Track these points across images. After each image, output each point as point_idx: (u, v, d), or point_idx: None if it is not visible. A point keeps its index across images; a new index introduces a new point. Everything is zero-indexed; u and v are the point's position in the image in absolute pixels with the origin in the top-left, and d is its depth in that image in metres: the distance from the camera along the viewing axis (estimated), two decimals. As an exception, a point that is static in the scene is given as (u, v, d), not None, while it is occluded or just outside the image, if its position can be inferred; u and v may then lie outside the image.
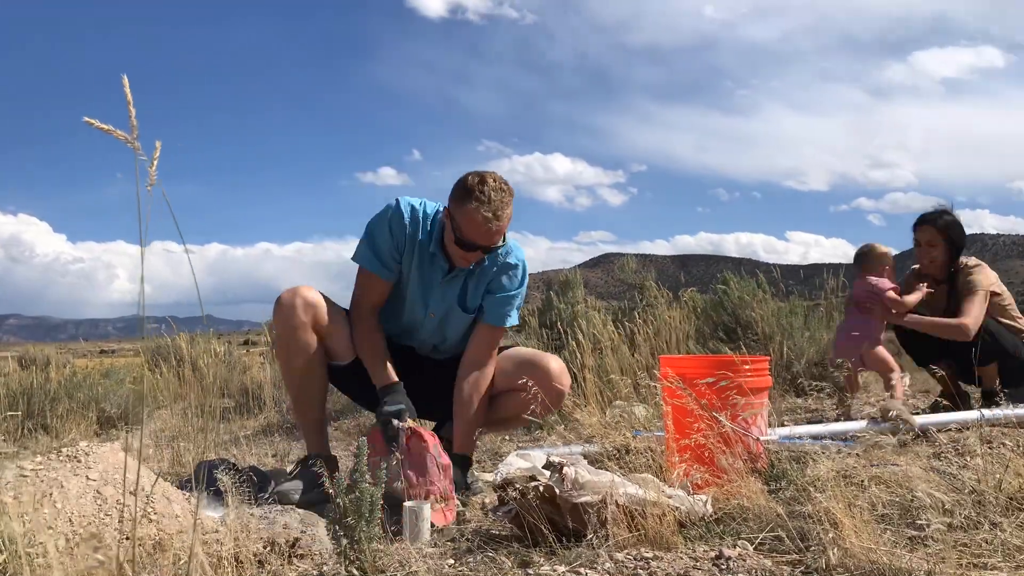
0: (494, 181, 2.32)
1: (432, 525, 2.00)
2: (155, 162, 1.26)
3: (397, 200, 2.51)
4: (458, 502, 2.25)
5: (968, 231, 3.67)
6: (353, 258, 2.55)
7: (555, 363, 2.60)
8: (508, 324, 2.58)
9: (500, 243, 2.43)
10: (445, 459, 2.22)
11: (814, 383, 2.81)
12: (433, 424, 2.85)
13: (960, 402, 3.47)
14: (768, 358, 2.53)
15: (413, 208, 2.51)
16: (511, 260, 2.56)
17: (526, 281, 2.62)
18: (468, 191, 2.31)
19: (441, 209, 2.50)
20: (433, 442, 2.23)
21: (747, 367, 2.34)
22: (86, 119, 1.20)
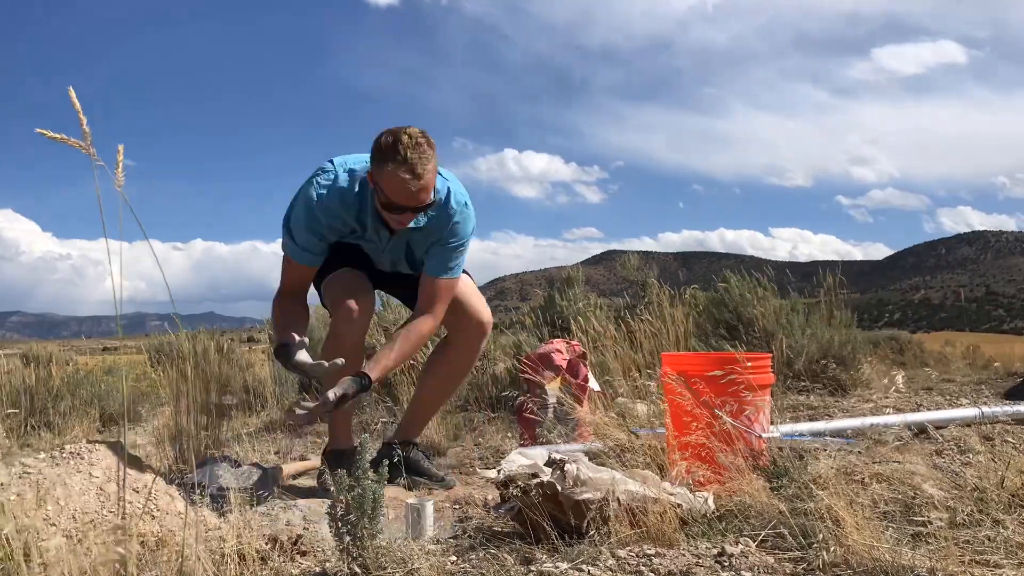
0: (408, 138, 2.18)
1: None
2: (120, 164, 1.28)
3: (314, 191, 2.38)
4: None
5: (965, 229, 3.71)
6: (285, 251, 2.48)
7: (476, 299, 2.69)
8: (449, 276, 2.50)
9: (430, 199, 2.31)
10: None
11: (815, 381, 2.82)
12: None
13: None
14: (770, 355, 2.53)
15: (337, 191, 2.39)
16: (452, 214, 2.44)
17: (471, 229, 2.52)
18: (384, 153, 2.20)
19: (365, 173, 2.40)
20: None
21: (749, 364, 2.34)
22: (38, 130, 1.23)
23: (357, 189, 2.40)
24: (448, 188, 2.44)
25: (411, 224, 2.40)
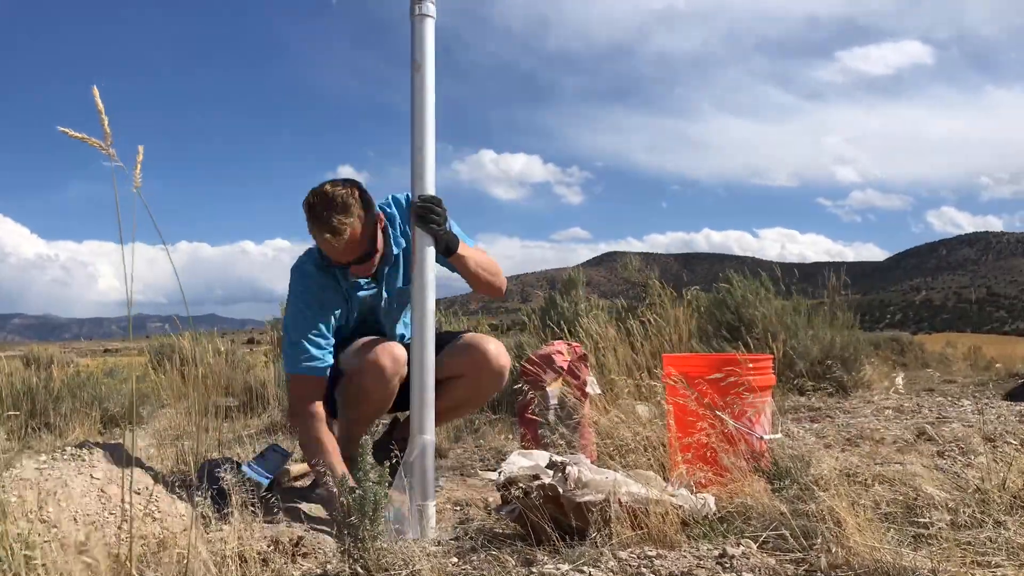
0: (316, 197, 2.20)
1: None
2: (139, 166, 1.28)
3: (297, 273, 2.38)
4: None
5: (953, 229, 3.67)
6: (289, 370, 2.34)
7: (492, 345, 2.53)
8: (468, 241, 2.40)
9: (368, 248, 2.29)
10: None
11: (817, 382, 2.82)
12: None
13: None
14: (771, 356, 2.53)
15: (308, 272, 2.37)
16: (400, 229, 2.40)
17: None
18: (306, 215, 2.22)
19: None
20: None
21: (750, 366, 2.34)
22: (60, 128, 1.23)
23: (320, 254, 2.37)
24: (392, 214, 2.42)
25: (373, 270, 2.36)
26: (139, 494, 1.89)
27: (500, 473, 2.01)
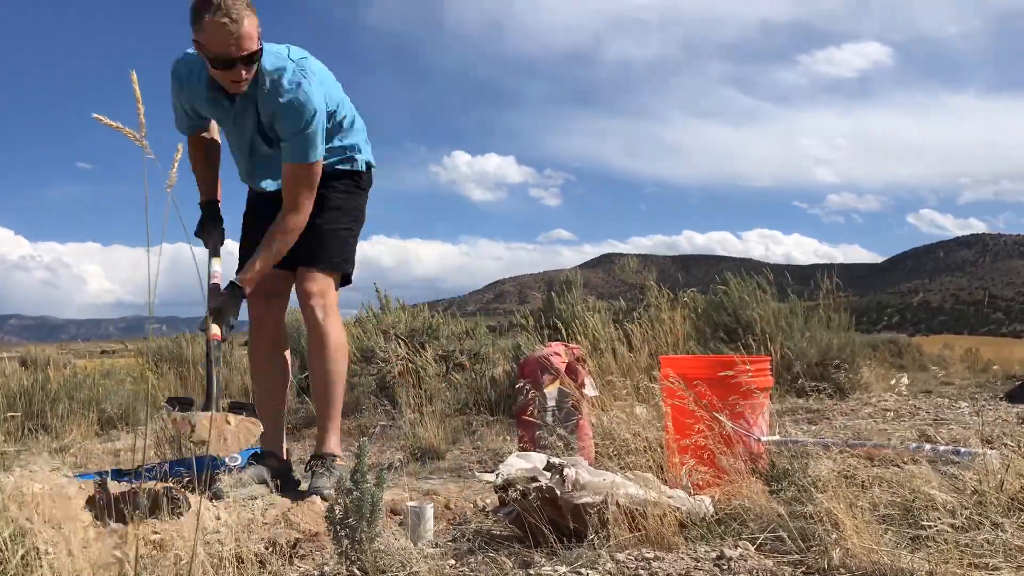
0: None
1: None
2: (176, 164, 1.26)
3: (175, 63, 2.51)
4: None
5: (938, 231, 3.65)
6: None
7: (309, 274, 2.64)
8: (309, 160, 2.48)
9: (254, 47, 2.32)
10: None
11: (815, 383, 2.82)
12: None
13: None
14: (769, 358, 2.53)
15: (184, 63, 2.49)
16: (289, 99, 2.42)
17: (315, 117, 2.46)
18: (199, 7, 2.24)
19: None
20: None
21: (747, 367, 2.34)
22: (95, 116, 1.20)
23: (197, 59, 2.44)
24: (283, 68, 2.44)
25: (245, 88, 2.41)
26: (137, 495, 1.89)
27: (498, 475, 2.01)
